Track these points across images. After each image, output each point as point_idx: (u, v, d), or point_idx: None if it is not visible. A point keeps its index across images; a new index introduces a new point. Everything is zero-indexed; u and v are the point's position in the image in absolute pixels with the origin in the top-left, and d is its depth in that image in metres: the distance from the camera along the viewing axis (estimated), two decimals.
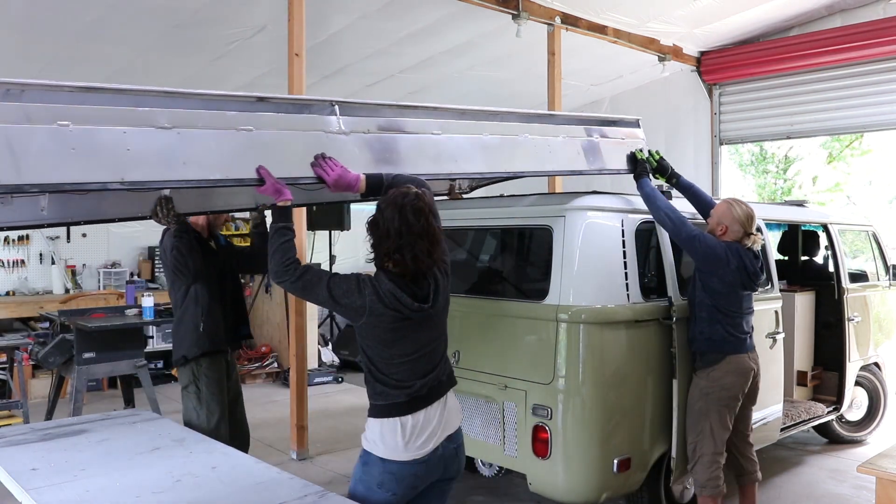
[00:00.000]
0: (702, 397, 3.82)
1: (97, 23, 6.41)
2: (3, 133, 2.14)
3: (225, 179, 2.61)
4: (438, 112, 3.30)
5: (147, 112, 2.44)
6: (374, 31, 7.24)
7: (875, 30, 8.00)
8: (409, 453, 2.51)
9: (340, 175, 2.77)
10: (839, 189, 14.47)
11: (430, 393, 2.58)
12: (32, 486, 2.63)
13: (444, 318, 2.68)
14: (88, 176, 2.29)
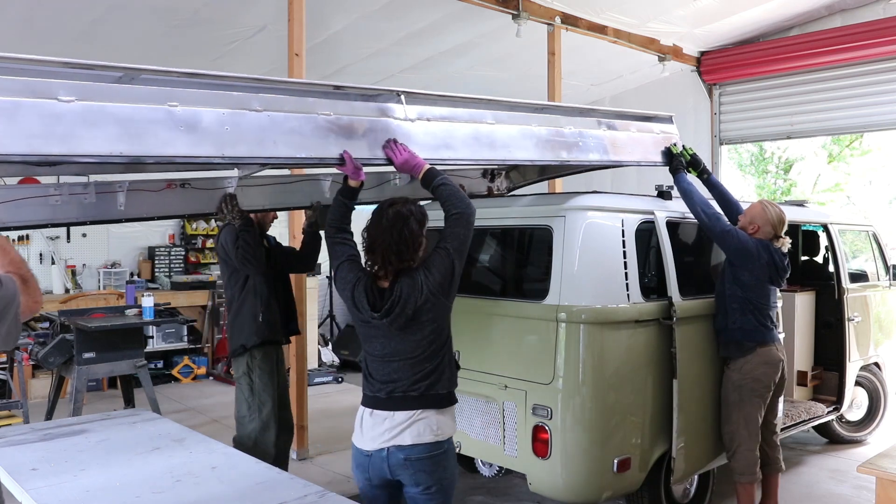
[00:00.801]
0: (735, 390, 4.02)
1: (97, 23, 6.41)
2: (121, 112, 2.40)
3: (309, 157, 2.88)
4: (492, 104, 3.55)
5: (242, 96, 2.71)
6: (374, 31, 7.24)
7: (875, 30, 8.00)
8: (358, 442, 2.75)
9: (407, 159, 2.99)
10: (839, 189, 14.48)
11: (389, 399, 2.71)
12: (32, 486, 2.63)
13: (417, 336, 2.70)
14: (195, 151, 2.55)
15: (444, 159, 3.24)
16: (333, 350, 9.20)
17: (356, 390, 7.39)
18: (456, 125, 3.35)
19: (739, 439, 4.02)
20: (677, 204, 4.27)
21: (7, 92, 2.21)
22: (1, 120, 2.18)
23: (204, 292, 8.92)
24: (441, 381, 2.75)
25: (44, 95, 2.28)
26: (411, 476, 2.70)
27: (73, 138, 2.29)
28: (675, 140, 4.46)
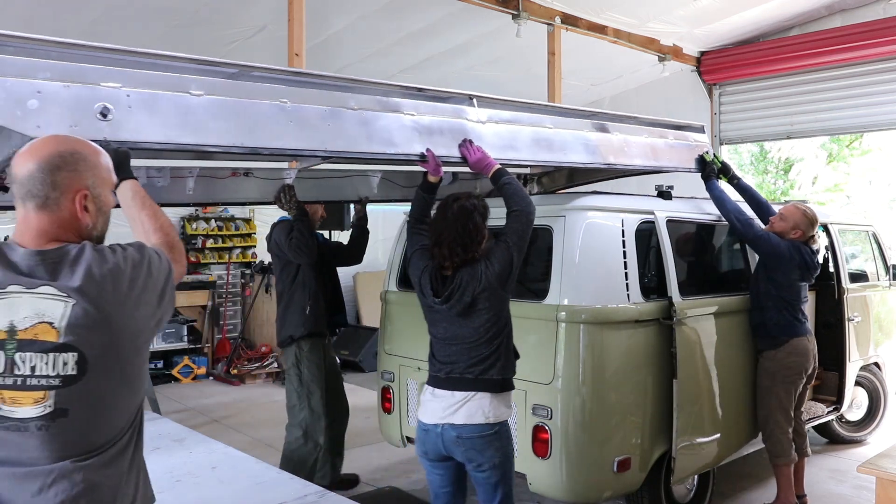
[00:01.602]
0: (767, 377, 4.30)
1: (97, 23, 6.41)
2: (241, 106, 2.59)
3: (397, 154, 3.06)
4: (548, 109, 3.82)
5: (340, 95, 2.91)
6: (374, 31, 7.25)
7: (875, 30, 8.00)
8: (420, 416, 3.00)
9: (480, 158, 3.19)
10: (839, 189, 14.48)
11: (447, 379, 2.92)
12: None
13: (476, 322, 2.89)
14: (301, 143, 2.74)
15: (510, 159, 3.42)
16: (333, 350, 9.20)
17: (357, 390, 7.40)
18: (519, 128, 3.58)
19: (773, 423, 4.28)
20: (677, 204, 4.28)
21: (148, 85, 2.38)
22: (142, 111, 2.34)
23: (204, 292, 8.93)
24: (496, 366, 2.91)
25: (177, 89, 2.44)
26: (463, 453, 2.90)
27: (203, 129, 2.47)
28: (707, 148, 4.73)
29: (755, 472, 5.21)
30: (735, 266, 4.86)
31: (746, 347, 4.46)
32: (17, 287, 1.50)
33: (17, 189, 1.59)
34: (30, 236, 1.58)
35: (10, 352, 1.46)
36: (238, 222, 9.80)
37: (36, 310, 1.48)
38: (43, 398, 1.47)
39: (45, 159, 1.58)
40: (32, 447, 1.48)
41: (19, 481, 1.48)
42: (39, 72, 2.19)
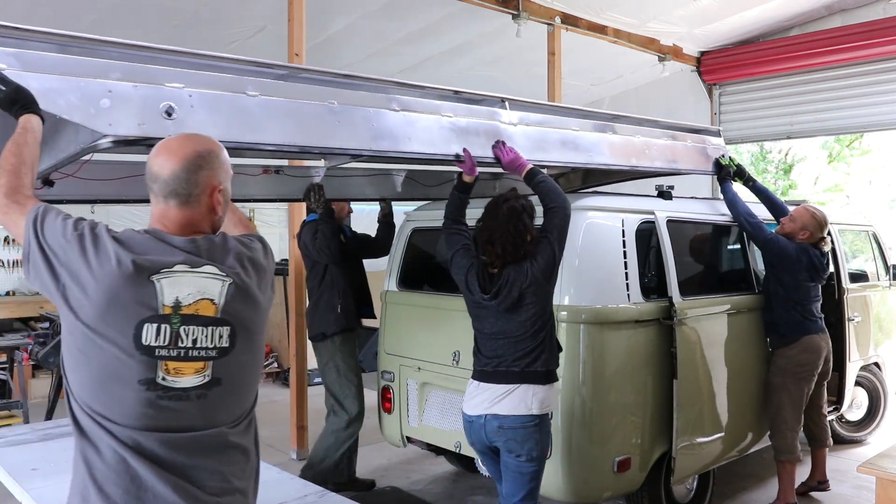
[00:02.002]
0: (779, 373, 4.40)
1: (97, 23, 6.41)
2: (294, 107, 2.70)
3: (436, 154, 3.18)
4: (574, 112, 3.94)
5: (385, 97, 3.03)
6: (374, 31, 7.24)
7: (875, 30, 7.99)
8: (464, 408, 3.14)
9: (513, 159, 3.31)
10: (839, 189, 14.47)
11: (494, 373, 3.05)
12: (32, 486, 2.63)
13: (521, 317, 3.01)
14: (349, 143, 2.85)
15: (540, 160, 3.52)
16: None
17: None
18: (549, 130, 3.70)
19: (781, 420, 4.36)
20: (677, 204, 4.28)
21: (208, 86, 2.48)
22: (204, 111, 2.45)
23: None
24: (540, 359, 3.04)
25: (234, 90, 2.55)
26: (504, 443, 3.03)
27: (259, 129, 2.58)
28: (723, 152, 4.86)
29: (755, 472, 5.21)
30: (735, 266, 4.86)
31: (747, 347, 4.47)
32: (182, 266, 1.63)
33: (159, 188, 1.72)
34: (173, 229, 1.71)
35: (175, 325, 1.60)
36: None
37: (198, 287, 1.64)
38: (202, 368, 1.63)
39: (188, 160, 1.71)
40: (191, 415, 1.62)
41: (179, 447, 1.61)
42: (111, 72, 2.30)
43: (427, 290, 4.54)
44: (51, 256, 1.62)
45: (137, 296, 1.58)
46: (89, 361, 1.60)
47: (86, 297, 1.58)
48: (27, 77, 2.12)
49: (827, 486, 4.79)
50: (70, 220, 1.67)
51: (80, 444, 1.66)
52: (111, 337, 1.57)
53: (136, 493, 1.59)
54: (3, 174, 1.78)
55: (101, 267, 1.58)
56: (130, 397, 1.58)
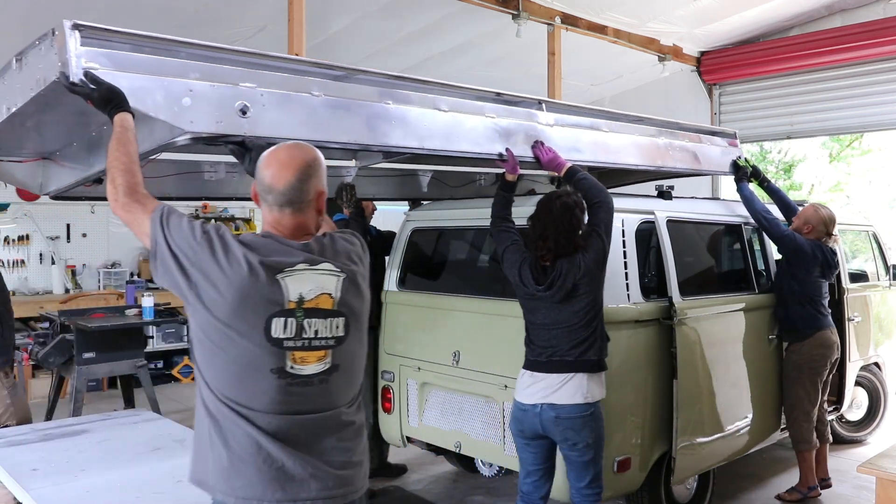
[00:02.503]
0: (794, 368, 4.55)
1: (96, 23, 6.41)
2: (353, 107, 2.81)
3: (481, 153, 3.32)
4: (603, 114, 4.12)
5: (434, 98, 3.14)
6: (374, 31, 7.24)
7: (875, 30, 7.99)
8: (517, 396, 3.25)
9: (552, 158, 3.48)
10: (839, 189, 14.46)
11: (548, 363, 3.18)
12: (33, 486, 2.63)
13: (574, 307, 3.16)
14: (403, 142, 2.96)
15: (574, 160, 3.60)
16: None
17: None
18: (582, 131, 3.86)
19: (799, 412, 4.53)
20: (677, 204, 4.28)
21: (277, 86, 2.59)
22: (275, 110, 2.55)
23: None
24: (593, 348, 3.19)
25: (301, 90, 2.66)
26: (561, 433, 3.14)
27: (324, 128, 2.68)
28: (740, 153, 5.03)
29: (755, 472, 5.21)
30: (735, 266, 4.86)
31: (747, 347, 4.46)
32: (303, 265, 1.80)
33: (274, 198, 1.86)
34: (287, 233, 1.87)
35: (299, 318, 1.78)
36: (238, 222, 9.80)
37: (318, 283, 1.82)
38: (323, 356, 1.82)
39: (301, 170, 1.86)
40: (315, 398, 1.81)
41: (305, 428, 1.80)
42: (190, 72, 2.40)
43: (427, 290, 4.54)
44: (181, 257, 1.77)
45: (266, 293, 1.75)
46: (226, 354, 1.76)
47: (219, 295, 1.73)
48: (118, 76, 2.21)
49: (829, 483, 4.85)
50: (196, 223, 1.82)
51: (211, 431, 1.80)
52: (244, 331, 1.74)
53: (269, 472, 1.74)
54: (119, 173, 1.90)
55: (232, 268, 1.74)
56: (264, 385, 1.75)
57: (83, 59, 2.19)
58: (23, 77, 2.44)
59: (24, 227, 8.31)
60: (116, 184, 1.89)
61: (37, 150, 3.29)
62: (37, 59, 2.33)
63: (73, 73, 2.14)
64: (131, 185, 1.89)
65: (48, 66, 2.23)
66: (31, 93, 2.36)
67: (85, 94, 2.12)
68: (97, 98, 2.10)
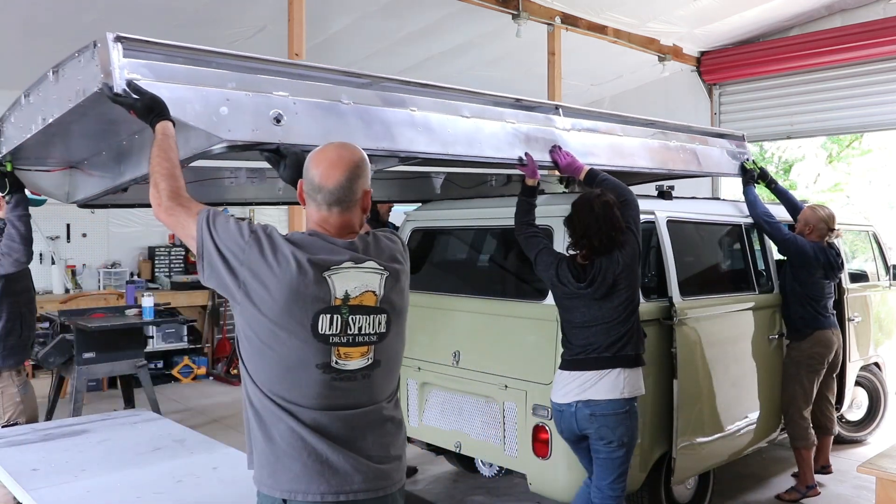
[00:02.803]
0: (793, 365, 4.64)
1: (97, 23, 6.41)
2: (381, 114, 2.87)
3: (502, 158, 3.39)
4: (616, 118, 4.18)
5: (457, 105, 3.21)
6: (374, 31, 7.25)
7: (875, 30, 8.00)
8: (553, 396, 3.30)
9: (570, 162, 3.56)
10: (839, 189, 14.46)
11: (586, 360, 3.21)
12: (33, 486, 2.63)
13: (613, 303, 3.21)
14: (429, 148, 3.03)
15: (590, 164, 3.68)
16: None
17: None
18: (597, 136, 3.93)
19: (795, 409, 4.61)
20: (677, 204, 4.28)
21: (309, 94, 2.67)
22: (307, 118, 2.61)
23: (204, 292, 8.91)
24: (631, 342, 3.23)
25: (331, 98, 2.73)
26: (596, 430, 3.17)
27: (353, 135, 2.71)
28: (748, 156, 5.10)
29: (755, 472, 5.22)
30: (736, 266, 4.86)
31: (747, 347, 4.47)
32: (349, 263, 1.85)
33: (323, 197, 1.89)
34: (333, 232, 1.90)
35: (344, 315, 1.83)
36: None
37: (363, 281, 1.86)
38: (366, 352, 1.87)
39: (350, 170, 1.90)
40: (358, 393, 1.86)
41: (348, 422, 1.85)
42: (228, 82, 2.46)
43: (427, 289, 4.54)
44: (229, 257, 1.81)
45: (314, 291, 1.79)
46: (274, 351, 1.80)
47: (268, 293, 1.77)
48: (158, 87, 2.27)
49: (830, 470, 4.95)
50: (242, 224, 1.86)
51: (255, 427, 1.85)
52: (292, 328, 1.78)
53: (313, 466, 1.79)
54: (162, 179, 1.96)
55: (281, 267, 1.78)
56: (310, 380, 1.80)
57: (125, 71, 2.24)
58: (60, 88, 2.49)
59: None
60: (160, 188, 1.94)
61: (64, 160, 3.35)
62: (76, 71, 2.38)
63: (117, 84, 2.19)
64: (175, 189, 1.94)
65: (88, 78, 2.28)
66: (69, 104, 2.41)
67: (128, 105, 2.17)
68: (140, 108, 2.15)
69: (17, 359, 3.76)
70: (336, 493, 1.80)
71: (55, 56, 2.49)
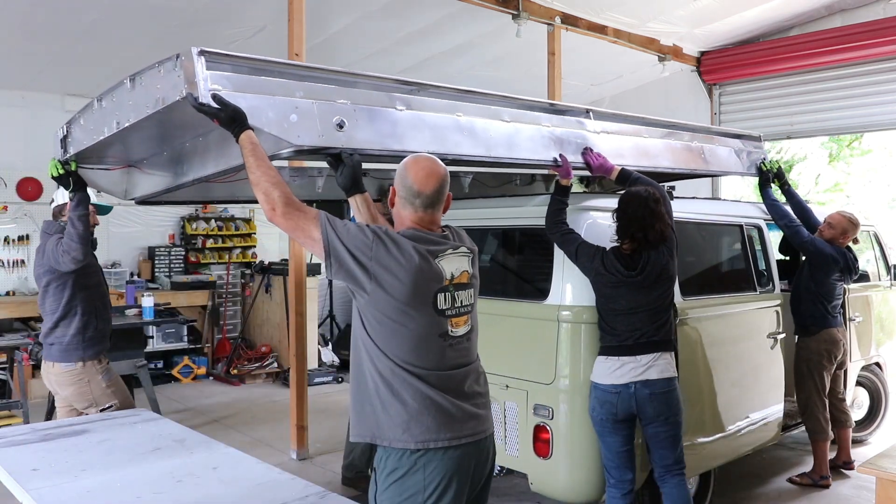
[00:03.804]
0: (804, 363, 4.89)
1: (97, 23, 6.41)
2: (430, 119, 3.06)
3: (538, 160, 3.56)
4: (642, 120, 4.34)
5: (496, 109, 3.39)
6: (374, 31, 7.25)
7: (875, 30, 8.00)
8: (605, 380, 3.42)
9: (602, 163, 3.76)
10: (839, 189, 14.46)
11: (635, 345, 3.41)
12: (33, 486, 2.63)
13: (658, 291, 3.44)
14: (473, 151, 3.20)
15: (618, 165, 3.84)
16: (333, 350, 9.20)
17: None
18: (625, 138, 4.11)
19: (812, 404, 4.83)
20: (678, 204, 4.27)
21: (367, 101, 2.84)
22: (366, 124, 2.79)
23: (204, 292, 8.91)
24: (669, 327, 3.50)
25: (387, 105, 2.91)
26: (654, 408, 3.39)
27: (405, 138, 2.91)
28: (765, 157, 5.25)
29: (755, 472, 5.21)
30: (736, 266, 4.85)
31: (748, 347, 4.46)
32: (449, 250, 2.27)
33: (421, 202, 2.27)
34: (427, 228, 2.29)
35: (452, 291, 2.25)
36: (238, 222, 9.80)
37: (459, 263, 2.29)
38: (466, 320, 2.31)
39: (442, 178, 2.30)
40: (465, 354, 2.32)
41: (460, 379, 2.28)
42: (296, 91, 2.64)
43: None
44: (358, 254, 2.13)
45: (432, 274, 2.20)
46: (406, 328, 2.17)
47: (398, 281, 2.14)
48: (237, 97, 2.44)
49: (852, 466, 5.06)
50: (360, 224, 2.21)
51: (385, 394, 2.18)
52: (419, 306, 2.18)
53: (441, 418, 2.19)
54: (273, 187, 2.17)
55: (406, 258, 2.15)
56: (435, 347, 2.22)
57: (208, 82, 2.41)
58: (136, 96, 2.67)
59: (24, 227, 8.30)
60: (272, 196, 2.16)
61: (123, 159, 3.55)
62: (155, 81, 2.56)
63: (202, 95, 2.36)
64: (287, 195, 2.17)
65: (168, 87, 2.46)
66: (147, 110, 2.59)
67: (212, 114, 2.33)
68: (224, 118, 2.32)
69: (96, 349, 3.90)
70: (458, 437, 2.20)
71: (55, 56, 2.51)
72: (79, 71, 7.51)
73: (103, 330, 3.95)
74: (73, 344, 3.81)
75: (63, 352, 3.82)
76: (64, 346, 3.81)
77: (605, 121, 4.02)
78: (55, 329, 3.83)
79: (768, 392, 4.63)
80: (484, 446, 2.33)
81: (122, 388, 4.03)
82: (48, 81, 7.89)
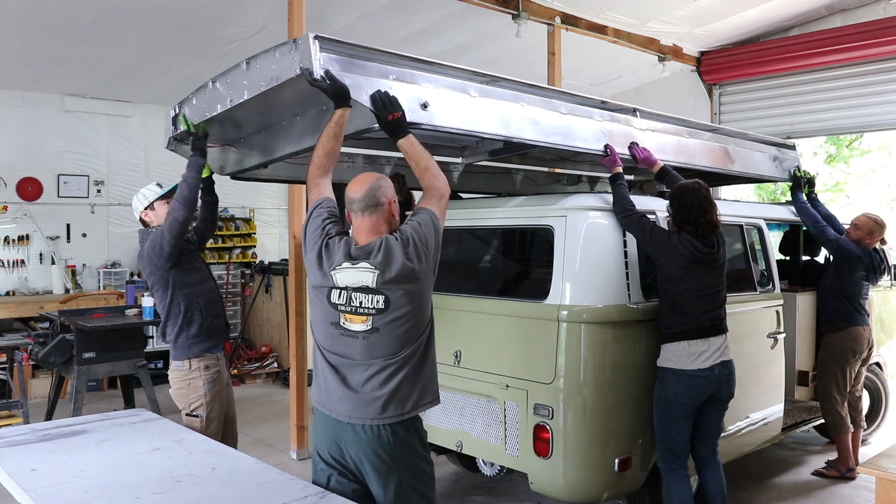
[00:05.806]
0: (828, 359, 5.05)
1: (97, 23, 6.41)
2: (499, 107, 3.45)
3: (589, 149, 3.92)
4: (682, 121, 4.71)
5: (555, 102, 3.79)
6: (374, 31, 7.24)
7: (875, 30, 8.00)
8: (693, 364, 3.54)
9: (647, 157, 4.07)
10: (839, 189, 14.46)
11: (712, 326, 3.58)
12: (32, 486, 2.62)
13: (722, 272, 3.65)
14: (532, 136, 3.56)
15: (663, 161, 4.16)
16: None
17: None
18: (667, 136, 4.47)
19: (832, 399, 4.97)
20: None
21: (447, 87, 3.27)
22: (446, 106, 3.17)
23: None
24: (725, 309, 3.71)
25: (463, 91, 3.34)
26: (728, 389, 3.63)
27: (479, 122, 3.33)
28: (799, 163, 5.61)
29: (755, 472, 5.22)
30: (736, 266, 4.85)
31: (748, 346, 4.46)
32: (346, 264, 2.55)
33: (354, 205, 2.58)
34: (359, 234, 2.60)
35: (349, 292, 2.53)
36: (238, 222, 9.79)
37: (359, 277, 2.52)
38: (365, 320, 2.50)
39: (371, 184, 2.61)
40: (359, 349, 2.52)
41: (352, 369, 2.54)
42: (389, 74, 3.05)
43: None
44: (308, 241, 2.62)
45: (325, 281, 2.56)
46: (314, 309, 2.64)
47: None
48: (342, 75, 2.82)
49: (853, 475, 5.04)
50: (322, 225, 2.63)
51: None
52: (319, 296, 2.62)
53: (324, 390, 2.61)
54: (323, 157, 2.72)
55: (318, 263, 2.57)
56: (329, 332, 2.62)
57: (321, 62, 2.79)
58: (251, 76, 3.13)
59: (24, 227, 8.31)
60: (315, 162, 2.70)
61: (222, 138, 3.95)
62: (270, 62, 3.01)
63: (316, 71, 2.76)
64: (322, 168, 2.70)
65: (282, 67, 2.92)
66: (261, 87, 3.04)
67: (323, 88, 2.74)
68: (332, 91, 2.73)
69: (202, 346, 3.78)
70: (330, 410, 2.60)
71: (55, 56, 2.51)
72: (78, 71, 7.51)
73: (210, 327, 3.82)
74: (179, 342, 3.77)
75: (174, 350, 3.80)
76: (174, 345, 3.79)
77: (651, 119, 4.38)
78: (165, 329, 3.82)
79: (769, 392, 4.63)
80: (358, 430, 2.50)
81: (221, 405, 3.89)
82: (48, 81, 7.89)
